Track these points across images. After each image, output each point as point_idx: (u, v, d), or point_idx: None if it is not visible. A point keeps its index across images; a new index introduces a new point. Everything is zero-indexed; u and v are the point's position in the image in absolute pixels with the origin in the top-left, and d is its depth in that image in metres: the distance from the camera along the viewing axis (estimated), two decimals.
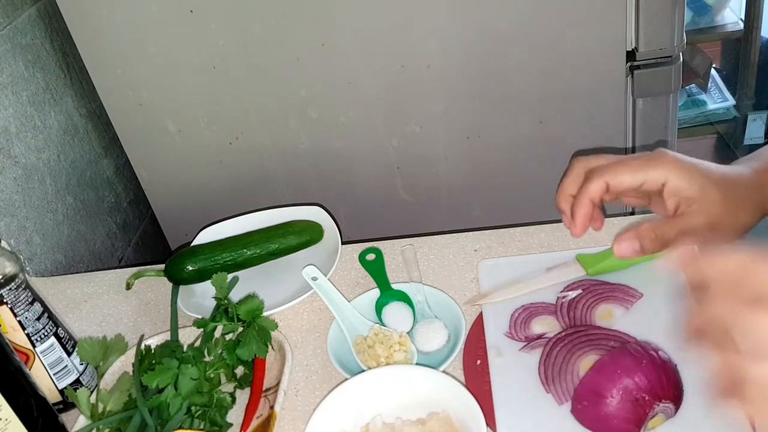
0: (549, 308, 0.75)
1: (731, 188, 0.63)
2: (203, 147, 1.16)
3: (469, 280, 0.83)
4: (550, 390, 0.65)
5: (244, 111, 1.12)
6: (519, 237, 0.88)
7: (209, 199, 1.22)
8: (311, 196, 1.18)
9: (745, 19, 1.95)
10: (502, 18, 1.02)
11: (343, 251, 0.90)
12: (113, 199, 1.27)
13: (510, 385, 0.67)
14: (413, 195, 1.20)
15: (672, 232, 0.63)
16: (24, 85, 1.06)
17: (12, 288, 0.71)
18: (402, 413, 0.66)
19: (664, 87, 1.08)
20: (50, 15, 1.13)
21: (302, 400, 0.73)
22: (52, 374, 0.75)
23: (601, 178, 0.65)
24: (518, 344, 0.72)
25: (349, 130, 1.13)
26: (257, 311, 0.77)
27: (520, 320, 0.74)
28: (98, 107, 1.20)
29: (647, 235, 0.63)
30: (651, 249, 0.63)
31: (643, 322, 0.70)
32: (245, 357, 0.73)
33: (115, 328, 0.87)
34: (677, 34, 1.03)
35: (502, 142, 1.14)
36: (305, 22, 1.03)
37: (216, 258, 0.89)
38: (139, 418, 0.68)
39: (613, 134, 1.12)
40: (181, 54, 1.07)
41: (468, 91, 1.09)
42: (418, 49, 1.05)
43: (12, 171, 1.01)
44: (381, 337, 0.74)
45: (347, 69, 1.07)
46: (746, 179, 0.65)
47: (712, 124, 2.12)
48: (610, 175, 0.64)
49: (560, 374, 0.66)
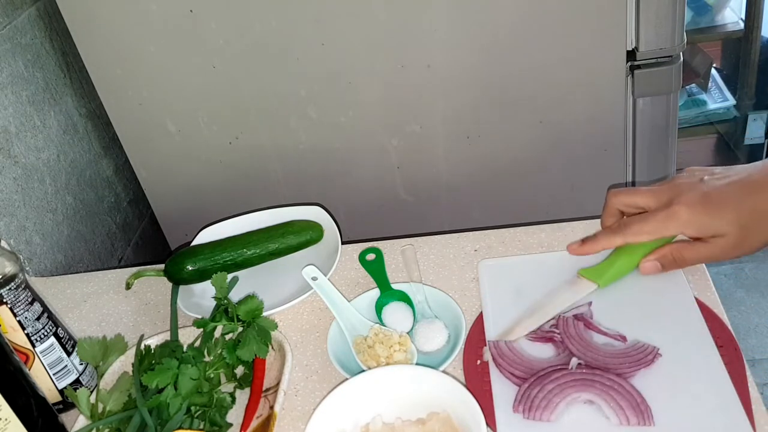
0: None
1: (748, 215, 0.68)
2: (203, 147, 1.16)
3: (469, 280, 0.83)
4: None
5: (244, 111, 1.12)
6: (519, 237, 0.88)
7: (209, 199, 1.22)
8: (311, 196, 1.18)
9: (745, 19, 1.94)
10: (502, 18, 1.02)
11: (343, 251, 0.90)
12: (113, 199, 1.27)
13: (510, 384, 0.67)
14: (413, 195, 1.20)
15: (690, 259, 0.73)
16: (24, 84, 1.06)
17: (12, 288, 0.71)
18: (402, 413, 0.66)
19: (665, 87, 1.08)
20: (50, 15, 1.13)
21: (302, 400, 0.73)
22: (51, 374, 0.75)
23: (623, 237, 0.75)
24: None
25: (349, 130, 1.13)
26: (257, 311, 0.77)
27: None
28: (98, 107, 1.20)
29: (668, 257, 0.74)
30: (670, 269, 0.75)
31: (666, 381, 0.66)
32: (245, 357, 0.73)
33: (115, 328, 0.87)
34: (677, 33, 1.03)
35: (502, 142, 1.14)
36: (305, 22, 1.03)
37: (216, 258, 0.89)
38: (138, 418, 0.68)
39: (613, 134, 1.12)
40: (181, 54, 1.07)
41: (468, 91, 1.09)
42: (418, 49, 1.05)
43: (12, 171, 1.01)
44: (381, 337, 0.74)
45: (347, 69, 1.07)
46: (762, 205, 0.68)
47: (713, 124, 2.11)
48: (631, 236, 0.74)
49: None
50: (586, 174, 1.16)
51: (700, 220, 0.70)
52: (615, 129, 1.12)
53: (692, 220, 0.70)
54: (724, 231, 0.69)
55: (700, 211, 0.70)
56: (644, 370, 0.66)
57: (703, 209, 0.69)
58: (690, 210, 0.70)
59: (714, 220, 0.69)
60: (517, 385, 0.67)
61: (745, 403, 0.61)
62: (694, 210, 0.70)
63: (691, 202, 0.70)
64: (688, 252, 0.73)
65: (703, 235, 0.71)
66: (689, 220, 0.70)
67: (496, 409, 0.65)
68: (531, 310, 0.75)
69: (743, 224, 0.68)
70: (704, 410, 0.62)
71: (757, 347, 1.77)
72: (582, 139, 1.13)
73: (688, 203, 0.70)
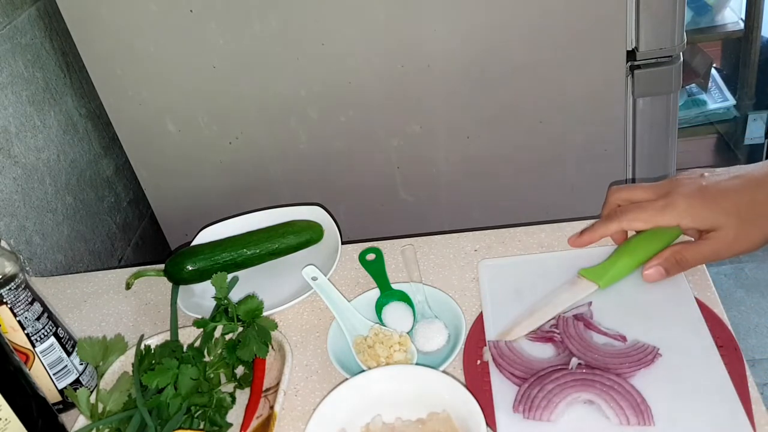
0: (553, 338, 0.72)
1: (747, 208, 0.68)
2: (203, 147, 1.16)
3: (469, 280, 0.83)
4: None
5: (244, 111, 1.12)
6: (519, 237, 0.88)
7: (209, 199, 1.22)
8: (311, 196, 1.18)
9: (745, 19, 1.94)
10: (502, 18, 1.02)
11: (343, 251, 0.90)
12: (113, 199, 1.27)
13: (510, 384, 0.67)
14: (413, 195, 1.20)
15: (691, 258, 0.72)
16: (24, 84, 1.06)
17: (12, 288, 0.71)
18: (402, 413, 0.66)
19: (665, 87, 1.08)
20: (50, 15, 1.13)
21: (302, 400, 0.73)
22: (51, 374, 0.75)
23: (619, 223, 0.75)
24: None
25: (349, 130, 1.13)
26: (257, 311, 0.77)
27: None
28: (98, 107, 1.20)
29: (670, 260, 0.72)
30: (674, 272, 0.73)
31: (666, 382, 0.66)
32: (245, 357, 0.73)
33: (115, 328, 0.87)
34: (677, 33, 1.03)
35: (502, 142, 1.14)
36: (305, 22, 1.03)
37: (216, 258, 0.89)
38: (138, 418, 0.68)
39: (613, 134, 1.12)
40: (181, 54, 1.07)
41: (468, 90, 1.09)
42: (418, 49, 1.05)
43: (12, 171, 1.01)
44: (381, 337, 0.74)
45: (347, 69, 1.07)
46: (762, 198, 0.68)
47: (713, 123, 2.11)
48: (626, 222, 0.75)
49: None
50: (586, 174, 1.16)
51: (698, 211, 0.70)
52: (615, 129, 1.12)
53: (689, 211, 0.70)
54: (721, 223, 0.69)
55: (698, 203, 0.70)
56: (644, 370, 0.66)
57: (702, 201, 0.70)
58: (688, 200, 0.70)
59: (712, 212, 0.69)
60: (517, 385, 0.67)
61: (745, 403, 0.61)
62: (692, 201, 0.70)
63: (690, 193, 0.70)
64: (689, 252, 0.72)
65: (701, 226, 0.70)
66: (686, 211, 0.70)
67: (496, 409, 0.65)
68: (531, 311, 0.75)
69: (742, 217, 0.68)
70: (704, 410, 0.62)
71: (757, 347, 1.77)
72: (582, 139, 1.13)
73: (686, 194, 0.70)
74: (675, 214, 0.71)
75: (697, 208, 0.70)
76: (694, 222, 0.70)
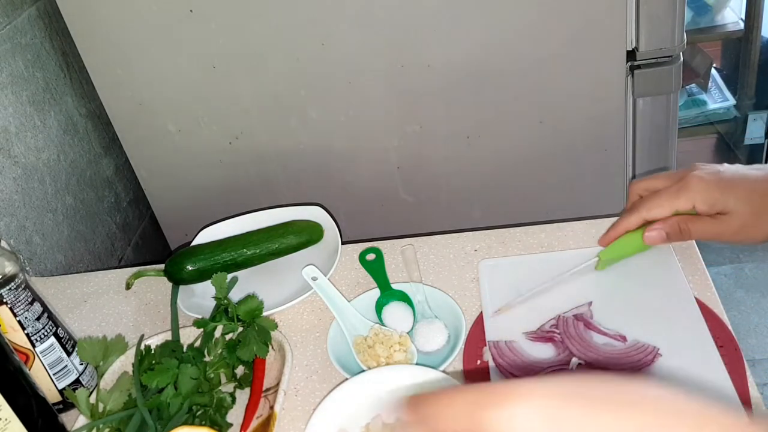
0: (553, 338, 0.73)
1: (760, 198, 0.68)
2: (203, 147, 1.16)
3: (469, 280, 0.83)
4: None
5: (244, 111, 1.12)
6: (519, 237, 0.88)
7: (209, 199, 1.22)
8: (311, 196, 1.18)
9: (745, 19, 1.94)
10: (502, 18, 1.02)
11: (343, 251, 0.90)
12: (113, 199, 1.27)
13: None
14: (413, 195, 1.20)
15: (694, 231, 0.72)
16: (24, 84, 1.06)
17: (12, 288, 0.71)
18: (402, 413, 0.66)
19: (665, 87, 1.08)
20: (50, 15, 1.13)
21: (302, 400, 0.73)
22: (51, 374, 0.75)
23: (639, 213, 0.75)
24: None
25: (349, 130, 1.13)
26: (257, 311, 0.77)
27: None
28: (98, 107, 1.20)
29: (674, 227, 0.73)
30: (675, 240, 0.73)
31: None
32: (245, 357, 0.73)
33: (115, 328, 0.87)
34: (677, 33, 1.03)
35: (502, 142, 1.14)
36: (305, 22, 1.03)
37: (216, 258, 0.89)
38: (138, 417, 0.68)
39: (613, 134, 1.12)
40: (181, 54, 1.07)
41: (468, 90, 1.09)
42: (418, 49, 1.05)
43: (12, 171, 1.01)
44: (381, 337, 0.74)
45: (347, 69, 1.07)
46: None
47: (713, 123, 2.11)
48: (645, 211, 0.75)
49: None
50: (586, 174, 1.16)
51: (711, 194, 0.70)
52: (615, 129, 1.12)
53: (703, 193, 0.70)
54: (732, 208, 0.69)
55: (712, 186, 0.70)
56: (644, 370, 0.66)
57: (716, 185, 0.70)
58: (702, 183, 0.71)
59: (725, 196, 0.69)
60: None
61: (745, 403, 0.61)
62: (707, 184, 0.70)
63: (705, 176, 0.71)
64: (695, 224, 0.72)
65: (713, 209, 0.71)
66: (700, 192, 0.70)
67: None
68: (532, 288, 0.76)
69: (754, 207, 0.68)
70: None
71: (757, 347, 1.77)
72: (582, 139, 1.13)
73: (701, 176, 0.71)
74: (689, 196, 0.71)
75: (711, 190, 0.70)
76: (705, 204, 0.70)
